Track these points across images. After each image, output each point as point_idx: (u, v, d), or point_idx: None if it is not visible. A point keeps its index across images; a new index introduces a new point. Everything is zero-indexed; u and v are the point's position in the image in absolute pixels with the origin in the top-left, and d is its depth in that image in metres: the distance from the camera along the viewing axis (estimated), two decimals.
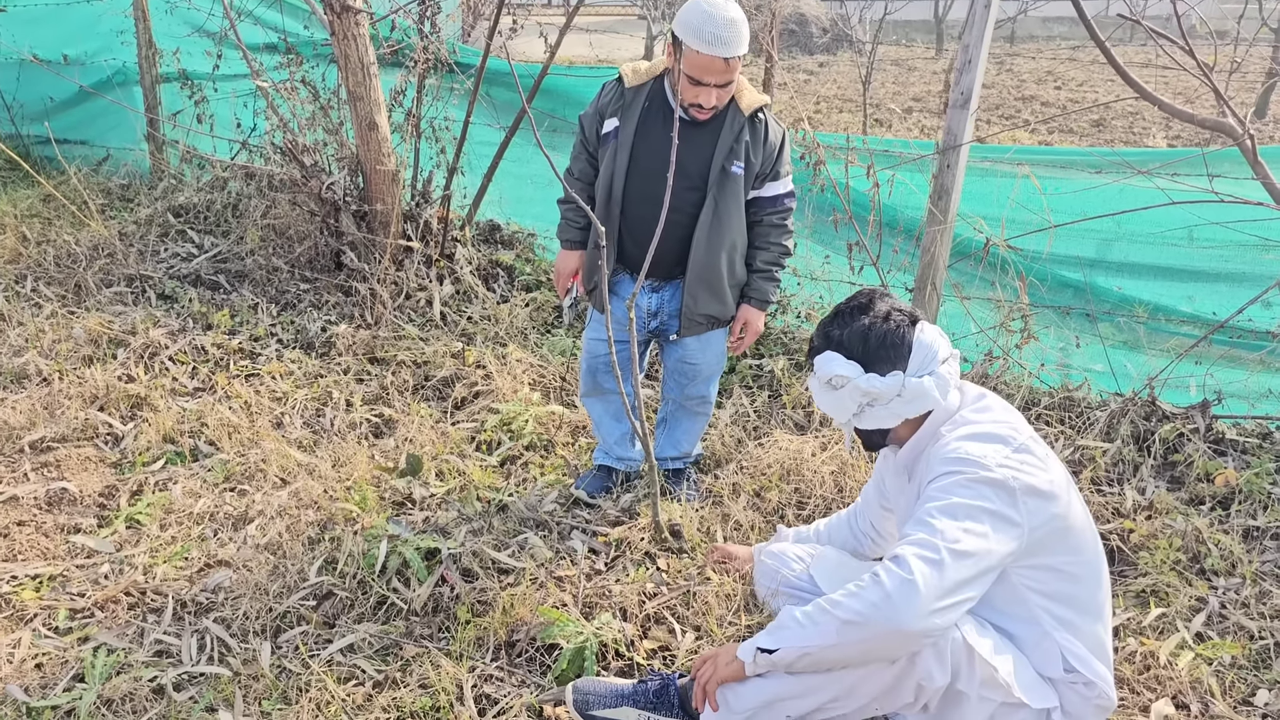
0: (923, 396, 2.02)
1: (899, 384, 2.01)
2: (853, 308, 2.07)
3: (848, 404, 2.06)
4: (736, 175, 2.77)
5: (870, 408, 2.05)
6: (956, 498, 1.87)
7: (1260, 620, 2.60)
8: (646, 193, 2.77)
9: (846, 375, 2.03)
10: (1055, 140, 10.58)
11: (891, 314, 2.04)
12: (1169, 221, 3.75)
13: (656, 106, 2.78)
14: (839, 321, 2.08)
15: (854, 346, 2.04)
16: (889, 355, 2.02)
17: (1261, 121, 11.28)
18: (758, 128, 2.78)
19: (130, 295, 4.47)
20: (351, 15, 4.09)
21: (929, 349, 2.04)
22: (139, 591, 2.65)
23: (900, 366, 2.03)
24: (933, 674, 1.96)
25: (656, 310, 2.97)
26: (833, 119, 10.88)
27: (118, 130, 6.24)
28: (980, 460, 1.90)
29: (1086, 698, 2.01)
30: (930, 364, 2.03)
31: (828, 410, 2.12)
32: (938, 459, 1.96)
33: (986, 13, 3.56)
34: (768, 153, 2.80)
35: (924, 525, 1.87)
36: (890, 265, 3.93)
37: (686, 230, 2.82)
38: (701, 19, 2.54)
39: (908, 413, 2.04)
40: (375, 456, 3.34)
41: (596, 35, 8.26)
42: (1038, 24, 21.10)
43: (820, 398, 2.11)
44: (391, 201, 4.40)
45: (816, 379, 2.10)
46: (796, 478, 3.14)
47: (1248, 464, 3.19)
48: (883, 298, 2.08)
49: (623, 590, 2.58)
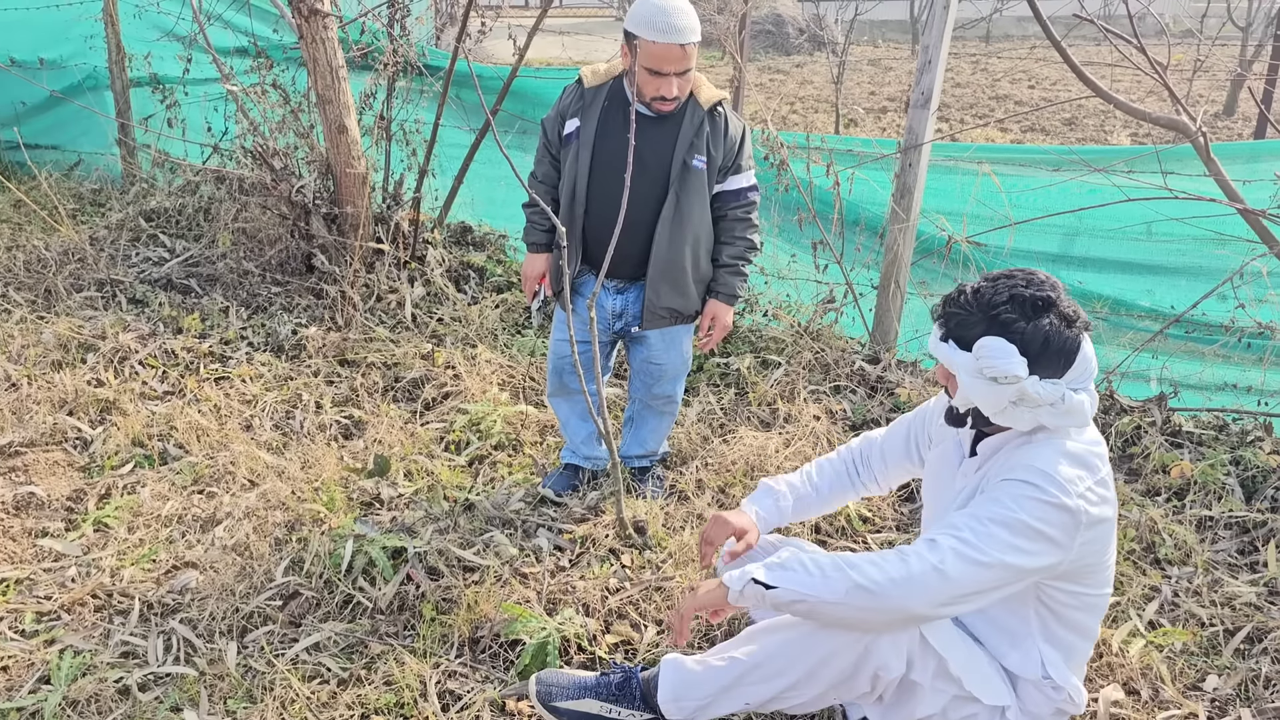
0: (1076, 412, 1.88)
1: (1059, 394, 1.86)
2: (1036, 300, 1.85)
3: (1000, 398, 1.89)
4: (699, 169, 2.79)
5: (1016, 407, 1.89)
6: (1023, 514, 1.81)
7: (1211, 608, 2.66)
8: (610, 191, 2.80)
9: (1019, 375, 1.85)
10: (1028, 138, 10.69)
11: (1076, 319, 1.88)
12: (1128, 217, 3.82)
13: (616, 105, 2.81)
14: (1020, 309, 1.86)
15: (1031, 344, 1.85)
16: (1058, 362, 1.87)
17: (1230, 119, 11.42)
18: (718, 121, 2.81)
19: (100, 300, 4.47)
20: (320, 19, 4.10)
21: (1089, 363, 1.91)
22: (106, 594, 2.66)
23: (1060, 374, 1.89)
24: (889, 663, 1.99)
25: (621, 311, 2.99)
26: (807, 119, 10.95)
27: (89, 135, 6.24)
28: (1065, 484, 1.82)
29: (1052, 699, 2.04)
30: (1086, 379, 1.92)
31: (975, 396, 1.92)
32: (1023, 463, 1.88)
33: (945, 14, 3.62)
34: (729, 146, 2.83)
35: (976, 525, 1.82)
36: (854, 263, 3.98)
37: (651, 229, 2.85)
38: (653, 10, 2.58)
39: (1051, 422, 1.89)
40: (344, 458, 3.36)
41: (570, 36, 8.29)
42: (1012, 23, 21.26)
43: (971, 382, 1.91)
44: (362, 204, 4.42)
45: (974, 364, 1.89)
46: (760, 473, 3.18)
47: (1203, 456, 3.25)
48: (1061, 293, 1.89)
49: (586, 586, 2.62)
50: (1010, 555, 1.80)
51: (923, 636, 2.00)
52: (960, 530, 1.83)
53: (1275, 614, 2.63)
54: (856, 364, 3.88)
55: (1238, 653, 2.51)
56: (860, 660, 2.00)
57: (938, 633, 2.03)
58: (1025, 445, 1.94)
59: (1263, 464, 3.13)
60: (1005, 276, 1.91)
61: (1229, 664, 2.47)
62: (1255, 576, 2.79)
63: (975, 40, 20.05)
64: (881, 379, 3.83)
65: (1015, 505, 1.82)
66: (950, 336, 1.94)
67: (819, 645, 2.02)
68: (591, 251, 2.91)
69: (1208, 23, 11.60)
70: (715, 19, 6.46)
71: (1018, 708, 2.05)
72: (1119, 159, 3.88)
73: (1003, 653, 2.06)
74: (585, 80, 2.84)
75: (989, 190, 3.83)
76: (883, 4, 13.59)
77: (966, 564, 1.80)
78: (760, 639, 2.12)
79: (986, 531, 1.81)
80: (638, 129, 2.71)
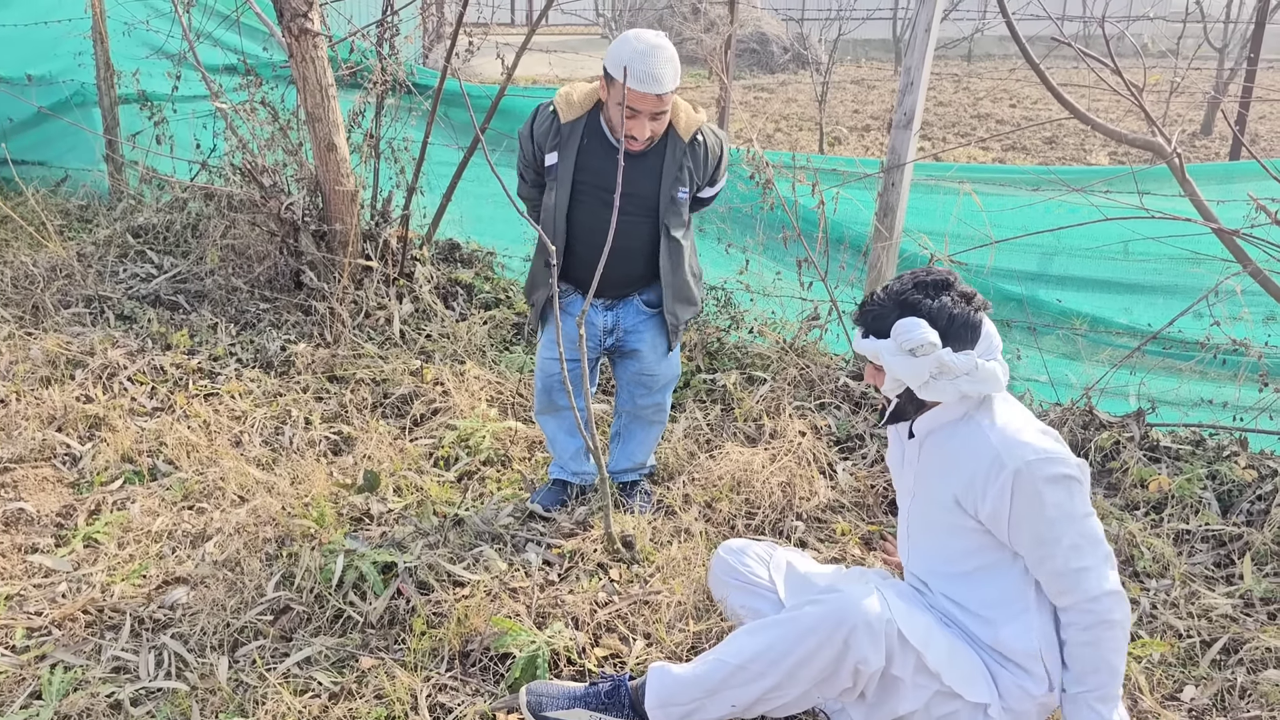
0: (990, 378, 2.09)
1: (972, 363, 2.07)
2: (935, 282, 2.10)
3: (922, 371, 2.08)
4: (682, 200, 2.89)
5: (937, 380, 2.08)
6: (1077, 508, 2.04)
7: (1189, 620, 2.71)
8: (591, 225, 2.86)
9: (934, 344, 2.05)
10: (1009, 157, 10.81)
11: (973, 297, 2.11)
12: (1106, 237, 3.89)
13: (593, 140, 2.84)
14: (924, 291, 2.10)
15: (938, 318, 2.07)
16: (965, 335, 2.08)
17: (1208, 139, 11.59)
18: (698, 151, 2.87)
19: (88, 316, 4.48)
20: (310, 38, 4.15)
21: (992, 338, 2.12)
22: (96, 609, 2.68)
23: (970, 346, 2.09)
24: (868, 657, 2.04)
25: (611, 328, 3.04)
26: (792, 137, 11.05)
27: (76, 151, 6.25)
28: (1065, 458, 2.05)
29: (1033, 695, 2.10)
30: (993, 351, 2.12)
31: (900, 373, 2.11)
32: (1013, 450, 2.04)
33: (927, 37, 3.69)
34: (707, 168, 2.92)
35: (1082, 554, 2.03)
36: (838, 281, 4.04)
37: (637, 253, 2.92)
38: (633, 56, 2.61)
39: (970, 391, 2.10)
40: (334, 473, 3.38)
41: (557, 55, 8.34)
42: (994, 43, 21.50)
43: (893, 361, 2.10)
44: (351, 221, 4.45)
45: (894, 344, 2.09)
46: (747, 488, 3.22)
47: (1180, 470, 3.31)
48: (959, 279, 2.13)
49: (575, 600, 2.65)
50: (1098, 533, 2.06)
51: (900, 631, 2.05)
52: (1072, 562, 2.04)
53: (1251, 625, 2.68)
54: (841, 380, 3.94)
55: (1214, 663, 2.57)
56: (840, 656, 2.05)
57: (915, 627, 2.08)
58: (971, 425, 2.13)
59: (1238, 478, 3.19)
60: (908, 273, 2.17)
61: (1206, 675, 2.52)
62: (1231, 589, 2.84)
63: (958, 59, 20.26)
64: (865, 395, 3.88)
65: (1069, 518, 2.03)
66: (870, 332, 2.16)
67: (801, 642, 2.07)
68: (576, 274, 2.97)
69: (1185, 43, 11.78)
70: (703, 39, 6.55)
71: (1000, 706, 2.10)
72: (1097, 179, 3.96)
73: (1000, 625, 2.12)
74: (561, 113, 2.85)
75: (970, 209, 3.89)
76: (866, 24, 13.75)
77: (1109, 561, 2.05)
78: (742, 642, 2.17)
79: (1080, 549, 2.03)
80: (618, 159, 2.77)
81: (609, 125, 2.82)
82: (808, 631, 2.06)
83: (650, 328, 3.05)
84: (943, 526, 2.18)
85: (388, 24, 4.76)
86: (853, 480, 3.39)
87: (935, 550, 2.23)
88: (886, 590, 2.14)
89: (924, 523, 2.24)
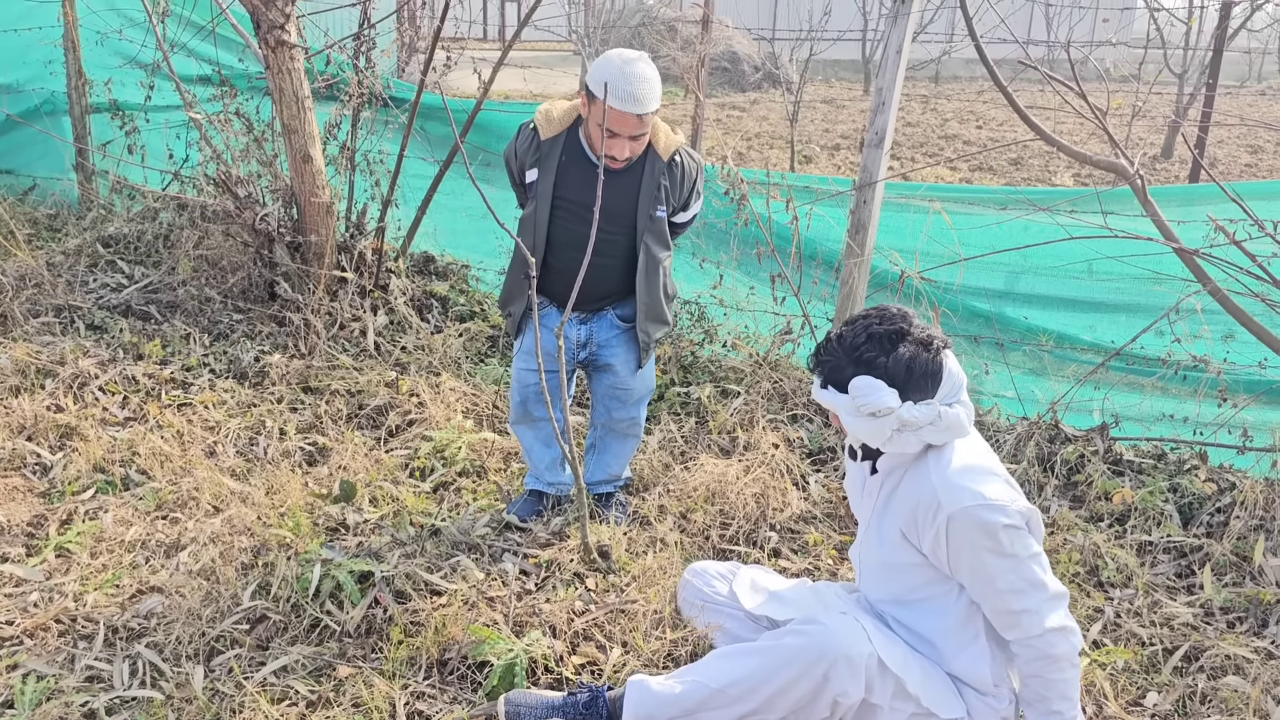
0: (954, 426, 2.05)
1: (935, 413, 2.03)
2: (890, 334, 2.04)
3: (882, 430, 2.05)
4: (660, 218, 2.93)
5: (900, 433, 2.05)
6: (1017, 552, 2.03)
7: (1151, 628, 2.78)
8: (569, 240, 2.90)
9: (891, 407, 2.02)
10: (975, 177, 10.99)
11: (931, 341, 2.05)
12: (1071, 256, 3.98)
13: (572, 157, 2.88)
14: (877, 346, 2.04)
15: (896, 374, 2.02)
16: (925, 385, 2.04)
17: (1168, 161, 11.84)
18: (675, 171, 2.92)
19: (58, 325, 4.45)
20: (286, 50, 4.16)
21: (956, 378, 2.08)
22: (69, 618, 2.66)
23: (931, 394, 2.05)
24: (848, 689, 2.08)
25: (586, 341, 3.08)
26: (764, 155, 11.16)
27: (45, 160, 6.19)
28: (1004, 506, 2.02)
29: (998, 710, 2.15)
30: (957, 392, 2.08)
31: (860, 434, 2.09)
32: (951, 493, 2.03)
33: (898, 58, 3.77)
34: (685, 189, 2.97)
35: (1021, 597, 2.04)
36: (811, 296, 4.10)
37: (613, 270, 2.96)
38: (616, 77, 2.64)
39: (936, 440, 2.06)
40: (309, 483, 3.38)
41: (531, 70, 8.39)
42: (961, 65, 21.85)
43: (853, 422, 2.08)
44: (326, 233, 4.46)
45: (852, 404, 2.06)
46: (721, 500, 3.26)
47: (1143, 483, 3.39)
48: (913, 321, 2.06)
49: (552, 609, 2.67)
50: (1046, 578, 2.06)
51: (880, 660, 2.09)
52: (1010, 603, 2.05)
53: (1211, 634, 2.76)
54: (813, 394, 3.99)
55: (1176, 670, 2.63)
56: (819, 687, 2.09)
57: (893, 654, 2.12)
58: (921, 463, 2.12)
59: (1198, 491, 3.28)
60: (862, 318, 2.12)
61: (1168, 681, 2.59)
62: (1192, 598, 2.92)
63: (925, 81, 20.57)
64: None
65: (1014, 564, 2.03)
66: (828, 383, 2.12)
67: (781, 672, 2.10)
68: (553, 288, 3.00)
69: (1146, 69, 12.05)
70: (678, 57, 6.62)
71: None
72: (1062, 199, 4.05)
73: (952, 655, 2.16)
74: (541, 130, 2.88)
75: (940, 228, 3.97)
76: (836, 45, 13.93)
77: (1052, 601, 2.05)
78: (722, 666, 2.20)
79: (1031, 595, 2.03)
80: (597, 176, 2.81)
81: (588, 142, 2.86)
82: (787, 662, 2.10)
83: (623, 343, 3.09)
84: (893, 558, 2.20)
85: (364, 37, 4.78)
86: (824, 492, 3.44)
87: (886, 580, 2.25)
88: (863, 618, 2.18)
89: (877, 553, 2.25)
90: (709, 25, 5.91)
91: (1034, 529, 2.09)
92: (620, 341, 3.09)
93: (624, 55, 2.70)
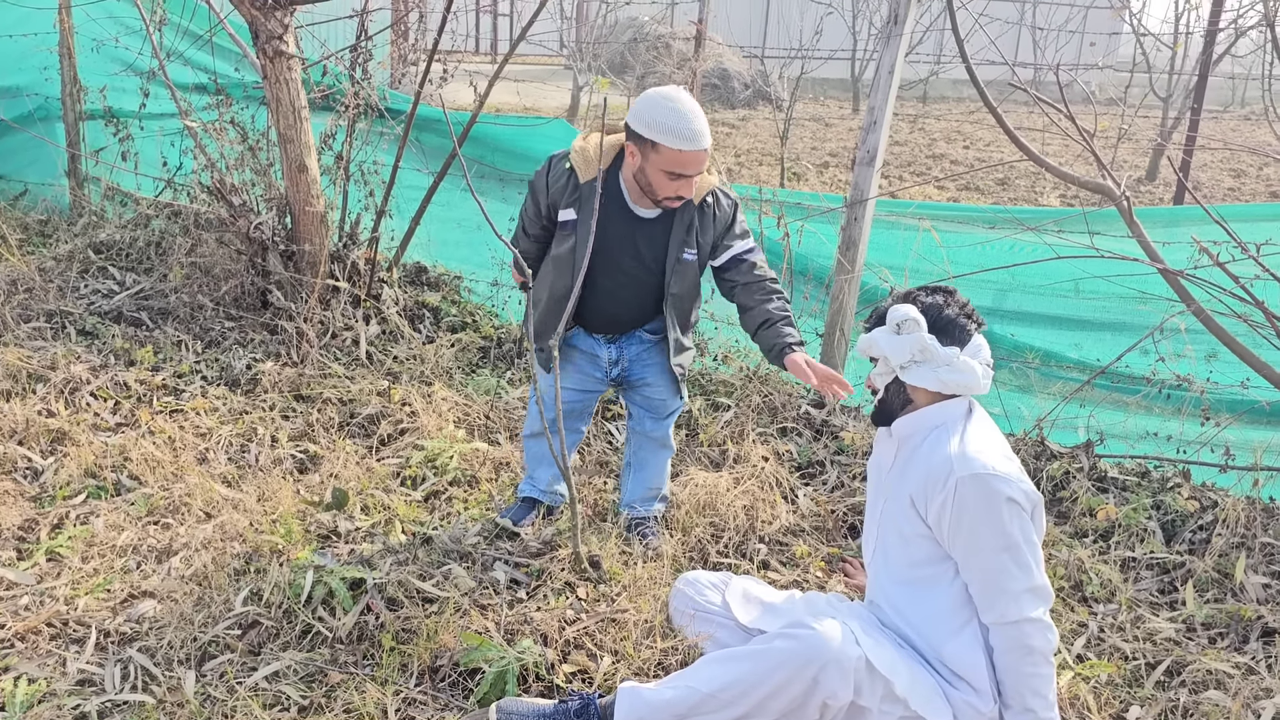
0: (968, 374, 2.21)
1: (954, 355, 2.20)
2: (937, 288, 2.30)
3: (903, 350, 2.22)
4: (689, 261, 2.93)
5: (918, 364, 2.22)
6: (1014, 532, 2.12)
7: (1134, 643, 2.82)
8: (601, 281, 2.93)
9: (918, 322, 2.20)
10: (963, 196, 11.08)
11: (967, 307, 2.27)
12: (1058, 275, 4.04)
13: (612, 200, 2.86)
14: (925, 291, 2.29)
15: (930, 311, 2.24)
16: (952, 333, 2.23)
17: (1153, 184, 11.97)
18: (706, 213, 2.90)
19: (50, 331, 4.45)
20: (284, 60, 4.19)
21: (981, 349, 2.27)
22: (61, 622, 2.66)
23: (957, 347, 2.23)
24: (837, 692, 2.11)
25: (617, 359, 3.12)
26: (754, 172, 11.24)
27: (37, 165, 6.19)
28: (1013, 481, 2.13)
29: (982, 712, 2.19)
30: (979, 355, 2.26)
31: (885, 350, 2.26)
32: (965, 461, 2.14)
33: (890, 78, 3.83)
34: (718, 229, 2.93)
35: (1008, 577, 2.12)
36: (802, 311, 4.14)
37: (643, 304, 3.01)
38: (676, 118, 2.61)
39: (948, 382, 2.21)
40: (301, 491, 3.39)
41: (523, 84, 8.45)
42: (949, 85, 22.03)
43: (882, 339, 2.26)
44: (319, 242, 4.48)
45: (884, 328, 2.26)
46: (711, 511, 3.28)
47: (1126, 500, 3.44)
48: (960, 295, 2.29)
49: (543, 617, 2.69)
50: (1034, 567, 2.15)
51: (869, 662, 2.12)
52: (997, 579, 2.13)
53: (1193, 649, 2.79)
54: (803, 408, 4.03)
55: (1158, 684, 2.67)
56: (809, 690, 2.12)
57: (882, 657, 2.16)
58: (940, 433, 2.23)
59: (1181, 508, 3.33)
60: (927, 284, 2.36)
61: (1150, 695, 2.62)
62: (1174, 614, 2.96)
63: (913, 100, 20.72)
64: (826, 423, 3.98)
65: (1005, 540, 2.12)
66: (872, 327, 2.33)
67: (771, 676, 2.13)
68: (585, 320, 3.06)
69: (1132, 92, 12.20)
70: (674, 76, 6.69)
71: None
72: (1049, 219, 4.11)
73: (942, 641, 2.21)
74: (580, 172, 2.84)
75: (929, 245, 4.03)
76: (826, 63, 14.04)
77: (1036, 592, 2.13)
78: (712, 670, 2.22)
79: (1014, 577, 2.12)
80: (634, 223, 2.88)
81: (629, 184, 2.83)
82: (778, 666, 2.13)
83: (656, 355, 3.12)
84: (901, 530, 2.28)
85: (361, 49, 4.81)
86: (813, 505, 3.47)
87: (893, 554, 2.33)
88: (851, 622, 2.22)
89: (891, 526, 2.33)
90: (702, 42, 5.97)
91: (1036, 519, 2.18)
92: (651, 354, 3.12)
93: (667, 94, 2.66)
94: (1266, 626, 2.85)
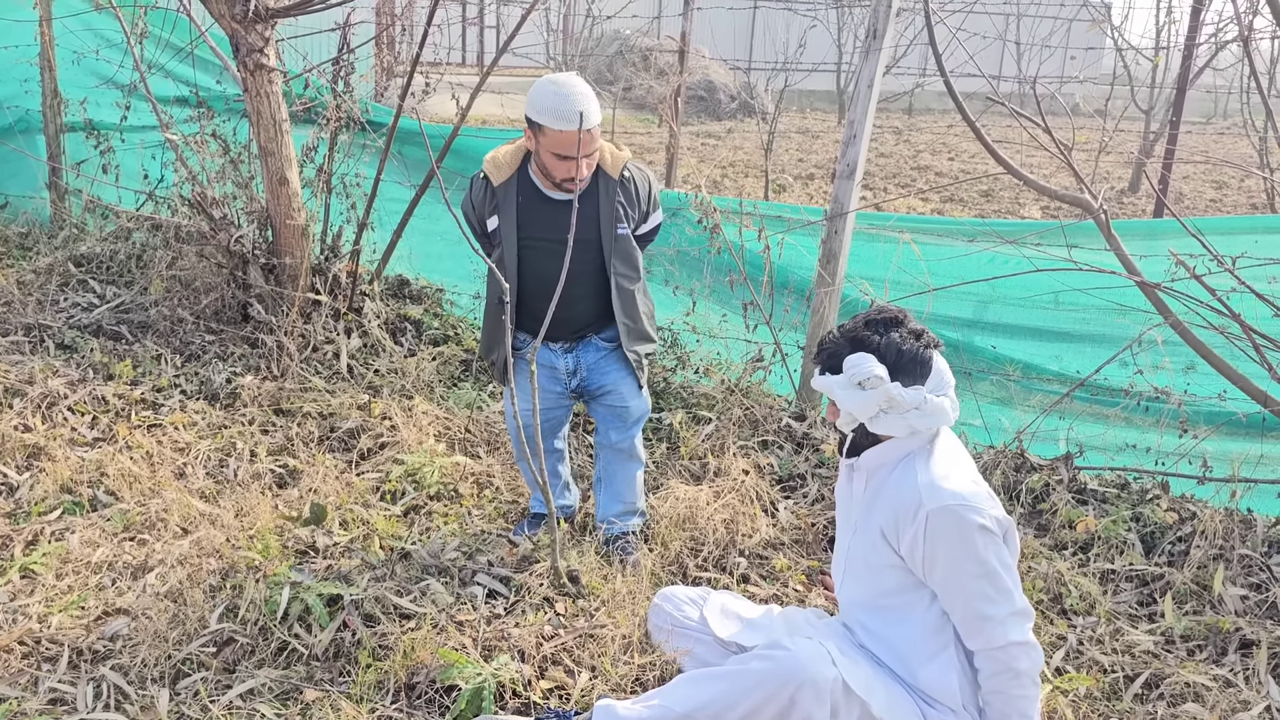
0: (938, 413, 2.17)
1: (920, 398, 2.14)
2: (885, 320, 2.19)
3: (871, 405, 2.16)
4: (624, 235, 3.01)
5: (887, 414, 2.16)
6: (989, 558, 2.10)
7: (1113, 655, 2.82)
8: (539, 275, 2.95)
9: (881, 377, 2.13)
10: (947, 208, 11.13)
11: (922, 334, 2.19)
12: (1037, 287, 4.06)
13: (528, 196, 2.95)
14: (873, 329, 2.19)
15: (887, 354, 2.16)
16: (914, 370, 2.16)
17: (1135, 195, 12.05)
18: (628, 186, 3.00)
19: (28, 344, 4.42)
20: (265, 73, 4.18)
21: (943, 375, 2.20)
22: (34, 640, 2.64)
23: (920, 383, 2.17)
24: (813, 714, 2.10)
25: (574, 369, 3.12)
26: (738, 184, 11.26)
27: (17, 178, 6.16)
28: (983, 509, 2.10)
29: None
30: (944, 387, 2.20)
31: (850, 408, 2.19)
32: (934, 493, 2.11)
33: (870, 92, 3.84)
34: (640, 203, 3.05)
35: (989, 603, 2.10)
36: (783, 324, 4.15)
37: (586, 296, 3.01)
38: (556, 99, 2.71)
39: (919, 426, 2.16)
40: (279, 506, 3.37)
41: (507, 96, 8.44)
42: (934, 98, 22.14)
43: (844, 395, 2.19)
44: (300, 255, 4.46)
45: (845, 378, 2.18)
46: (691, 525, 3.28)
47: (1106, 512, 3.45)
48: (908, 316, 2.22)
49: (521, 633, 2.67)
50: (1013, 590, 2.13)
51: (845, 683, 2.11)
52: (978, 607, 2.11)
53: (1172, 661, 2.80)
54: (784, 420, 4.03)
55: (1137, 697, 2.67)
56: (785, 711, 2.11)
57: (858, 677, 2.15)
58: (907, 465, 2.19)
59: (1160, 520, 3.33)
60: (862, 313, 2.27)
61: (1129, 708, 2.62)
62: (1153, 626, 2.96)
63: (899, 113, 20.83)
64: (807, 435, 3.98)
65: (981, 569, 2.09)
66: (825, 369, 2.24)
67: (747, 696, 2.12)
68: (530, 324, 3.03)
69: (1113, 105, 12.28)
70: (653, 86, 6.70)
71: None
72: (1029, 232, 4.13)
73: (919, 665, 2.19)
74: (492, 177, 2.95)
75: (909, 258, 4.04)
76: (811, 75, 14.09)
77: (1018, 616, 2.11)
78: (688, 690, 2.21)
79: (995, 604, 2.10)
80: (556, 209, 2.90)
81: (540, 175, 2.92)
82: (754, 686, 2.12)
83: (613, 362, 3.13)
84: (872, 560, 2.25)
85: (343, 62, 4.81)
86: (794, 518, 3.47)
87: (865, 584, 2.30)
88: (828, 641, 2.21)
89: (859, 556, 2.31)
90: (685, 58, 5.99)
91: (1009, 542, 2.17)
92: (609, 362, 3.13)
93: (555, 79, 2.77)
94: (1244, 638, 2.86)
